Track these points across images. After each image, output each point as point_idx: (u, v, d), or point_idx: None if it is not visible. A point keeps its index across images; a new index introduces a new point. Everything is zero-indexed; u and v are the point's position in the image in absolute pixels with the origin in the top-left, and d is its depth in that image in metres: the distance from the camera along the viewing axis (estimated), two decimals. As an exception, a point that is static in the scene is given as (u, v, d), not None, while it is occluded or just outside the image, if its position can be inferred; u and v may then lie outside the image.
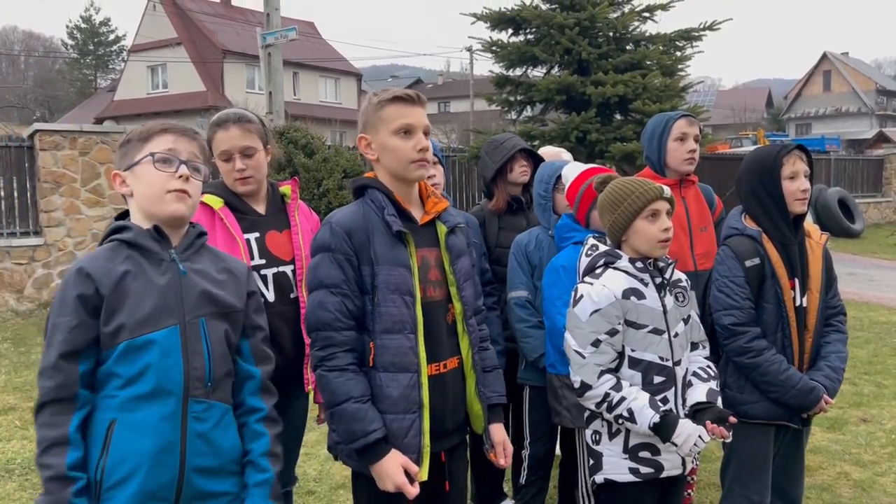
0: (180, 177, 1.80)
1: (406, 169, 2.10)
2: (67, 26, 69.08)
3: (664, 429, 2.29)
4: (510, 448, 2.28)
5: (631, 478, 2.39)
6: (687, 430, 2.29)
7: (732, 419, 2.35)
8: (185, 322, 1.77)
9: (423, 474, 2.05)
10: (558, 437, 3.29)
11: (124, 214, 1.90)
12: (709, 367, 2.51)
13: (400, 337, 2.05)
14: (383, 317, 2.04)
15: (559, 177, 3.12)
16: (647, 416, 2.30)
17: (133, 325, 1.72)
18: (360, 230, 2.06)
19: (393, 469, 1.98)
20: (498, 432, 2.25)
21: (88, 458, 1.70)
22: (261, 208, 2.60)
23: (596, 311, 2.34)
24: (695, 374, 2.47)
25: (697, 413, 2.38)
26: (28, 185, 9.08)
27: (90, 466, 1.70)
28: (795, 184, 2.63)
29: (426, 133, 2.11)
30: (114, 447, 1.70)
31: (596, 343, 2.34)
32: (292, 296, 2.55)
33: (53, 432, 1.66)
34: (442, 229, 2.18)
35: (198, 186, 1.85)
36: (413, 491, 1.98)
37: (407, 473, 1.99)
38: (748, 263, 2.62)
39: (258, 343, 1.95)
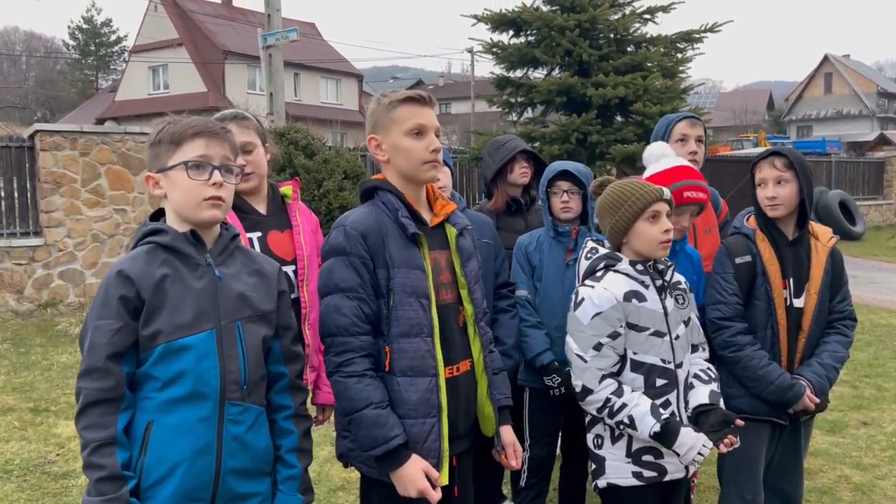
0: (214, 184, 1.81)
1: (418, 170, 2.08)
2: (69, 27, 69.09)
3: (665, 437, 2.28)
4: (520, 450, 2.27)
5: (634, 482, 2.37)
6: (689, 440, 2.27)
7: (739, 422, 2.34)
8: (220, 326, 1.80)
9: (444, 478, 2.02)
10: (559, 439, 3.28)
11: (157, 214, 1.92)
12: (709, 368, 2.51)
13: (417, 340, 2.02)
14: (400, 320, 2.02)
15: (551, 179, 3.13)
16: (648, 424, 2.28)
17: (170, 328, 1.74)
18: (374, 232, 2.03)
19: (415, 474, 1.95)
20: (508, 434, 2.24)
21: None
22: (262, 208, 2.61)
23: (597, 314, 2.33)
24: (696, 376, 2.46)
25: (700, 416, 2.37)
26: (28, 186, 9.06)
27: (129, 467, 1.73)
28: (763, 191, 2.68)
29: (437, 134, 2.10)
30: (152, 448, 1.72)
31: (598, 346, 2.33)
32: (293, 296, 2.55)
33: (102, 433, 1.67)
34: (452, 232, 2.17)
35: (231, 189, 1.87)
36: (436, 496, 1.95)
37: (427, 478, 1.97)
38: (738, 260, 2.67)
39: (288, 343, 1.97)
